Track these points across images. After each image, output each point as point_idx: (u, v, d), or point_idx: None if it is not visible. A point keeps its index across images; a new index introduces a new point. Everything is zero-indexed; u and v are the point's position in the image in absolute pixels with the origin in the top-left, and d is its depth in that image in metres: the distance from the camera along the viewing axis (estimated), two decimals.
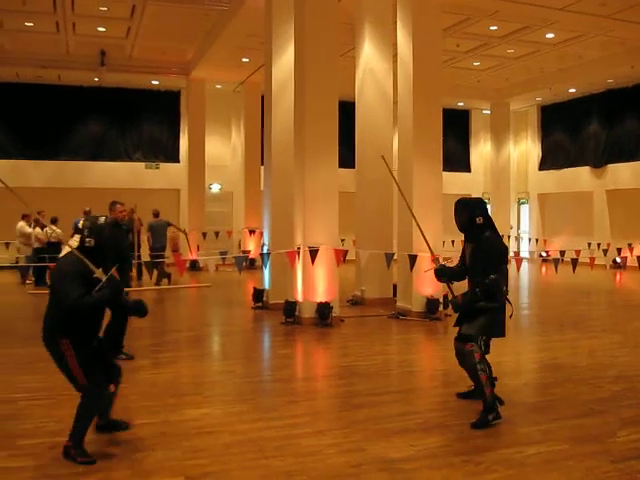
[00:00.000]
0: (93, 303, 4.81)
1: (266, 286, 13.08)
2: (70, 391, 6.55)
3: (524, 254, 24.96)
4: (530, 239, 26.90)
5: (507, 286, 5.98)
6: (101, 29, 18.91)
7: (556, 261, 14.86)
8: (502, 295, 5.92)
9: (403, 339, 10.50)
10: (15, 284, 16.78)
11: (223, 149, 25.65)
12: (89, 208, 17.52)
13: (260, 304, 12.90)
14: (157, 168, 24.75)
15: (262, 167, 21.57)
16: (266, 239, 13.26)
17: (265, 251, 12.81)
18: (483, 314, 5.86)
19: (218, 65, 20.94)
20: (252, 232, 22.56)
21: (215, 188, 25.39)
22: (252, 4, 14.81)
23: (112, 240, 5.04)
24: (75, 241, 5.26)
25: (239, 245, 23.90)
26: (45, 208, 17.44)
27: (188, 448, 5.13)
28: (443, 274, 6.37)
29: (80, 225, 5.08)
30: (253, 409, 6.18)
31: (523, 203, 29.32)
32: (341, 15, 12.30)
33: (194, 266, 20.53)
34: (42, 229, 17.23)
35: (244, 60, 20.57)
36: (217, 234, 21.98)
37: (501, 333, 5.99)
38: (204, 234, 21.65)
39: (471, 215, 5.94)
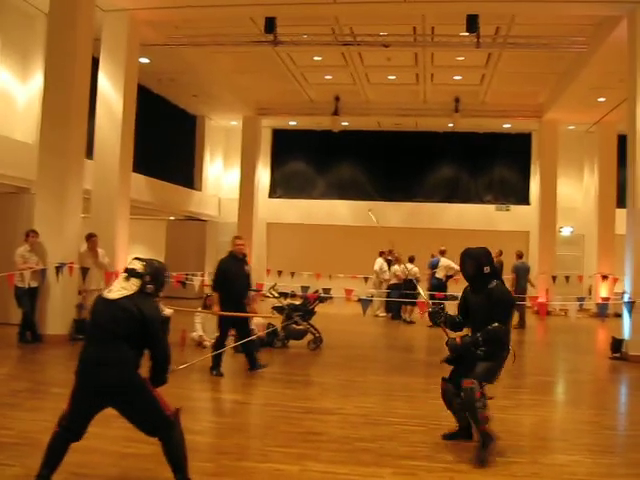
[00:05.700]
0: None
1: (626, 336, 12.46)
2: (439, 420, 6.96)
3: None
4: None
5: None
6: (457, 77, 19.89)
7: None
8: (508, 344, 6.08)
9: None
10: (368, 316, 16.13)
11: (574, 191, 24.97)
12: (444, 247, 18.31)
13: (618, 354, 12.32)
14: (507, 210, 25.06)
15: (617, 210, 20.91)
16: (627, 286, 12.63)
17: (626, 299, 12.22)
18: (486, 361, 5.96)
19: (572, 106, 20.51)
20: (605, 278, 21.45)
21: (566, 231, 24.78)
22: (613, 41, 14.33)
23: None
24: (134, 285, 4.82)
25: (589, 291, 22.83)
26: (400, 247, 18.55)
27: None
28: (437, 316, 6.47)
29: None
30: (624, 463, 5.99)
31: None
32: None
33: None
34: (399, 266, 18.33)
35: (600, 100, 19.91)
36: (567, 278, 21.31)
37: (494, 381, 6.17)
38: (554, 277, 21.15)
39: (478, 265, 6.14)
